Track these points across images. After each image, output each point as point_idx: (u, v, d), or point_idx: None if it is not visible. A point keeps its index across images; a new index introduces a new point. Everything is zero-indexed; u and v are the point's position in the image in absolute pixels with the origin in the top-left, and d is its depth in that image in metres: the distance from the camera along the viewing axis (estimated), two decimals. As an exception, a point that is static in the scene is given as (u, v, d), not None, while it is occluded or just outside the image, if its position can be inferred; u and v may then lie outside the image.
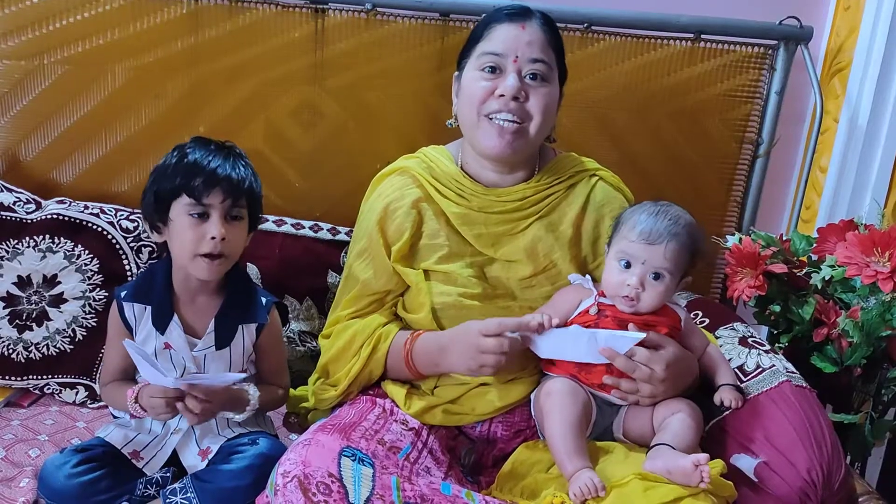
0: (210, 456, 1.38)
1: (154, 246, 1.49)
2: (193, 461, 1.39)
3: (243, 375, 1.38)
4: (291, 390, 1.55)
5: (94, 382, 1.66)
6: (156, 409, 1.33)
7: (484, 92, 1.33)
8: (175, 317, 1.41)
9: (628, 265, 1.30)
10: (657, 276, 1.29)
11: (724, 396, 1.33)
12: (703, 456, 1.14)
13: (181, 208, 1.35)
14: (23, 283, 1.66)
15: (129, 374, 1.45)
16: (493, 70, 1.34)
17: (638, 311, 1.30)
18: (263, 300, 1.47)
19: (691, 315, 1.58)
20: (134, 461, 1.38)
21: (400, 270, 1.40)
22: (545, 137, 1.42)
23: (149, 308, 1.42)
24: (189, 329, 1.42)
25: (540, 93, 1.33)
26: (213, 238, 1.34)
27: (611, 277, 1.31)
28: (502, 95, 1.32)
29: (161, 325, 1.41)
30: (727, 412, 1.35)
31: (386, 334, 1.39)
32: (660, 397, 1.29)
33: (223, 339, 1.42)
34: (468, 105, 1.36)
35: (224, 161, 1.37)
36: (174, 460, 1.40)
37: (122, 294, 1.43)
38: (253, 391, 1.41)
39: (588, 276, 1.36)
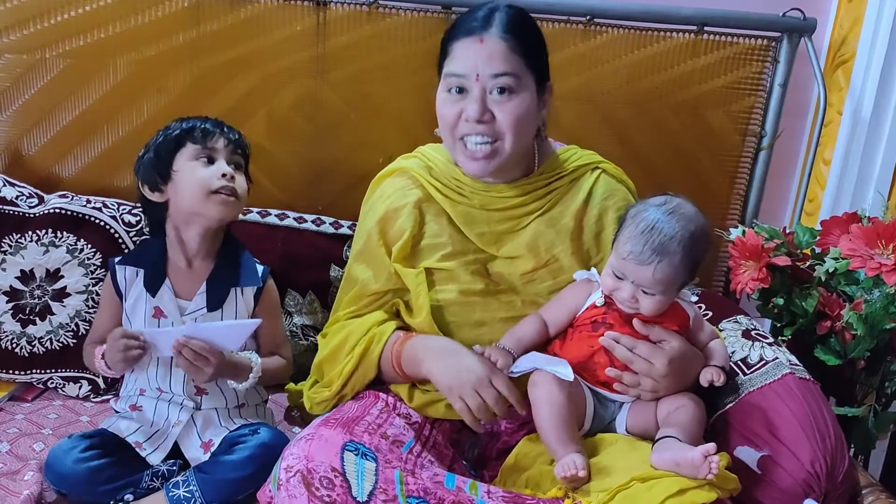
0: (213, 448, 1.39)
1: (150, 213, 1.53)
2: (196, 453, 1.40)
3: (258, 321, 1.39)
4: (293, 385, 1.55)
5: (98, 377, 1.66)
6: (114, 359, 1.36)
7: (453, 115, 1.32)
8: (167, 281, 1.45)
9: (621, 279, 1.27)
10: (649, 293, 1.26)
11: (704, 373, 1.29)
12: (711, 446, 1.14)
13: (187, 156, 1.43)
14: (26, 277, 1.66)
15: None
16: (461, 90, 1.31)
17: (640, 312, 1.30)
18: (259, 268, 1.51)
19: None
20: (138, 450, 1.39)
21: (400, 272, 1.39)
22: (530, 141, 1.38)
23: (141, 272, 1.46)
24: (180, 294, 1.46)
25: (507, 108, 1.29)
26: (224, 175, 1.41)
27: (606, 280, 1.29)
28: (468, 121, 1.31)
29: (153, 287, 1.45)
30: (730, 404, 1.35)
31: (380, 335, 1.37)
32: (662, 392, 1.29)
33: (215, 301, 1.45)
34: (443, 127, 1.36)
35: (211, 120, 1.47)
36: (180, 453, 1.41)
37: (117, 260, 1.48)
38: (255, 358, 1.43)
39: (594, 270, 1.36)
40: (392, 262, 1.40)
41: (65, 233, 1.68)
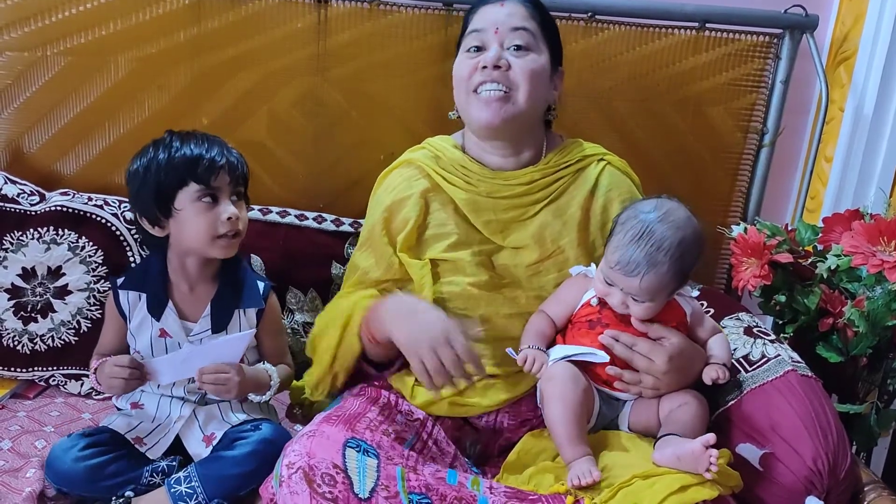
0: (214, 442, 1.39)
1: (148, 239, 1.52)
2: (198, 448, 1.40)
3: (252, 331, 1.41)
4: (295, 381, 1.55)
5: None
6: (112, 384, 1.37)
7: (470, 68, 1.36)
8: (170, 304, 1.45)
9: (611, 285, 1.27)
10: (639, 300, 1.26)
11: (708, 371, 1.29)
12: (711, 436, 1.13)
13: (189, 196, 1.39)
14: (27, 274, 1.66)
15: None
16: (479, 49, 1.36)
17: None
18: (261, 285, 1.49)
19: (696, 305, 1.57)
20: (137, 446, 1.39)
21: (406, 262, 1.39)
22: (543, 112, 1.41)
23: (144, 296, 1.45)
24: (184, 316, 1.46)
25: (523, 61, 1.34)
26: (229, 219, 1.39)
27: (598, 285, 1.30)
28: (485, 67, 1.33)
29: (156, 311, 1.44)
30: (732, 402, 1.35)
31: (361, 306, 1.34)
32: (663, 390, 1.29)
33: (219, 324, 1.45)
34: (458, 85, 1.39)
35: (215, 147, 1.42)
36: (180, 448, 1.41)
37: (119, 282, 1.47)
38: (272, 370, 1.44)
39: (592, 266, 1.36)
40: (398, 251, 1.40)
41: (66, 230, 1.68)
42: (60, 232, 1.68)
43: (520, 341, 1.34)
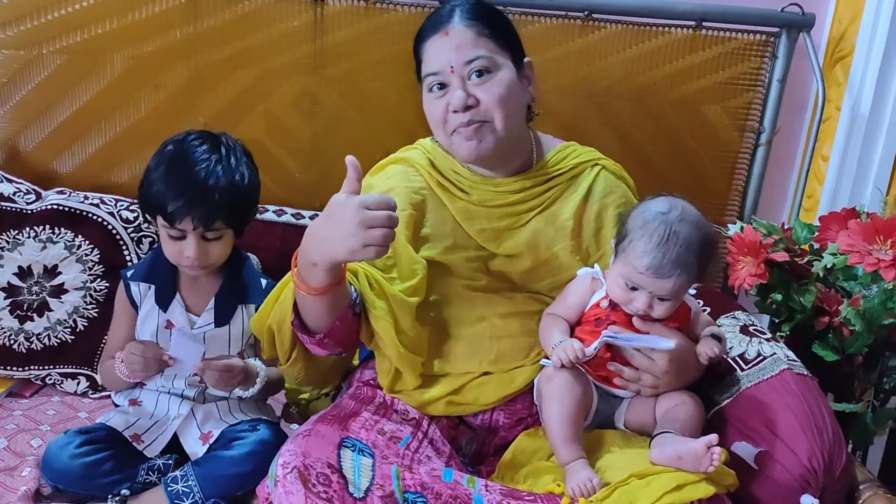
0: (211, 440, 1.40)
1: (154, 235, 1.54)
2: (194, 446, 1.40)
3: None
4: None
5: (96, 373, 1.66)
6: (132, 366, 1.37)
7: (441, 112, 1.33)
8: (177, 295, 1.46)
9: (634, 289, 1.27)
10: (665, 299, 1.27)
11: (702, 347, 1.29)
12: (714, 437, 1.13)
13: (161, 223, 1.41)
14: (23, 273, 1.66)
15: None
16: (442, 86, 1.32)
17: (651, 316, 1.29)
18: (263, 282, 1.50)
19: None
20: (135, 444, 1.39)
21: (401, 243, 1.33)
22: (524, 117, 1.38)
23: (153, 287, 1.47)
24: (190, 308, 1.47)
25: (487, 87, 1.30)
26: (188, 256, 1.39)
27: (617, 292, 1.29)
28: (456, 111, 1.31)
29: (164, 303, 1.46)
30: (727, 400, 1.35)
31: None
32: (662, 389, 1.29)
33: (222, 318, 1.46)
34: (435, 128, 1.36)
35: (217, 167, 1.39)
36: (177, 447, 1.41)
37: (129, 274, 1.49)
38: (260, 365, 1.44)
39: (597, 267, 1.35)
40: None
41: (62, 229, 1.68)
42: (57, 231, 1.68)
43: (542, 346, 1.33)
